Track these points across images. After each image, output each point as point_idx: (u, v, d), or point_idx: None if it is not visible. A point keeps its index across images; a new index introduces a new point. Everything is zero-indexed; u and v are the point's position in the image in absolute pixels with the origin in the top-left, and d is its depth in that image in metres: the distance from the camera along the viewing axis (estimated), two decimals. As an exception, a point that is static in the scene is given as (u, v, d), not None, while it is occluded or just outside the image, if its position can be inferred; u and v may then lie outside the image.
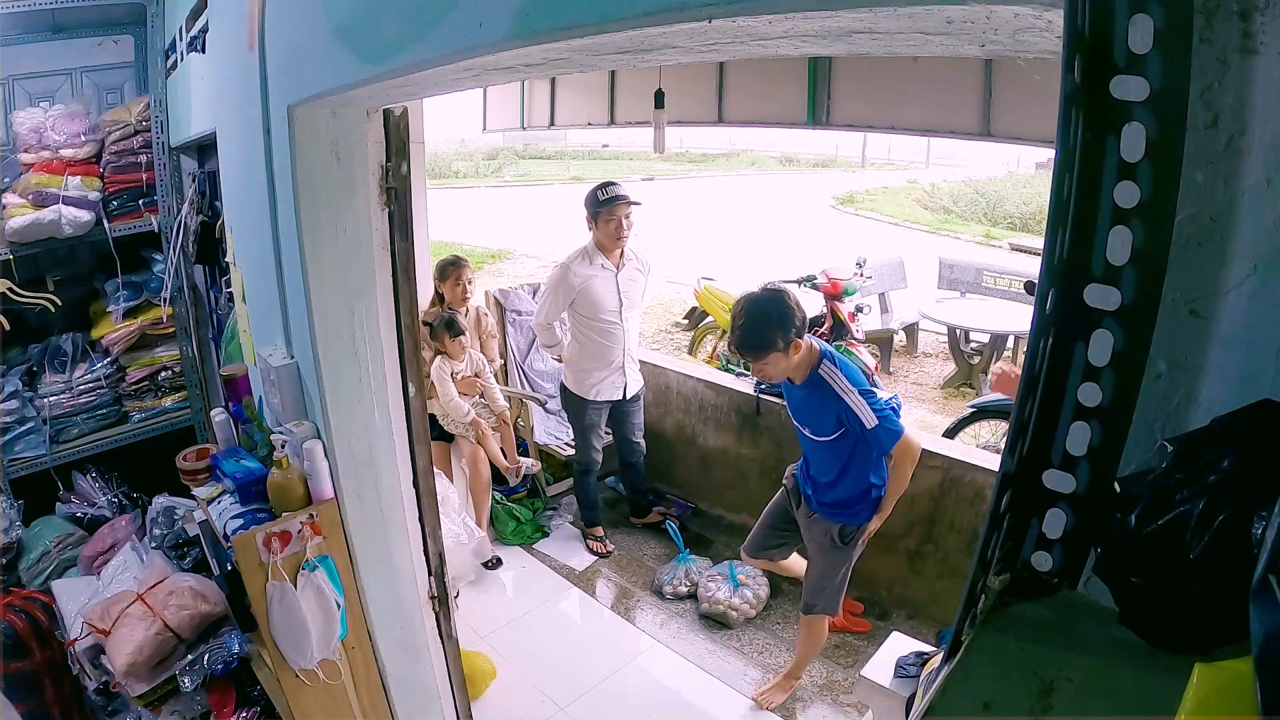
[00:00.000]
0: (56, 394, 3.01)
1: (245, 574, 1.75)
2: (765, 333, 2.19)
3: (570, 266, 3.32)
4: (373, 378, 1.85)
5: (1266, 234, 0.47)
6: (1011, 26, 0.60)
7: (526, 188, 22.48)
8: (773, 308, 2.21)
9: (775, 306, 2.21)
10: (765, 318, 2.20)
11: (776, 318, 2.19)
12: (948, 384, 6.23)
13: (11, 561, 2.70)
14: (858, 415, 2.25)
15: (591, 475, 3.68)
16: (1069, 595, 0.57)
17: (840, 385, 2.26)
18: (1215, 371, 0.51)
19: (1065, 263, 0.51)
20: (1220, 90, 0.47)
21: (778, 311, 2.20)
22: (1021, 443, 0.55)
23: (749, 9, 0.67)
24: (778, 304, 2.22)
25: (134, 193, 3.02)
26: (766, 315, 2.20)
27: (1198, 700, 0.40)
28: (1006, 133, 2.78)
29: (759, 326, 2.20)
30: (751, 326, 2.22)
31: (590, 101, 4.33)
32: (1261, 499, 0.40)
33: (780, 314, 2.20)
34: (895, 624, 3.01)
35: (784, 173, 26.94)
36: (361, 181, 1.74)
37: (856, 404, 2.25)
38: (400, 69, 1.20)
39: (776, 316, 2.19)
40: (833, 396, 2.27)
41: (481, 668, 2.79)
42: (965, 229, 14.87)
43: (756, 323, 2.21)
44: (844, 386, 2.26)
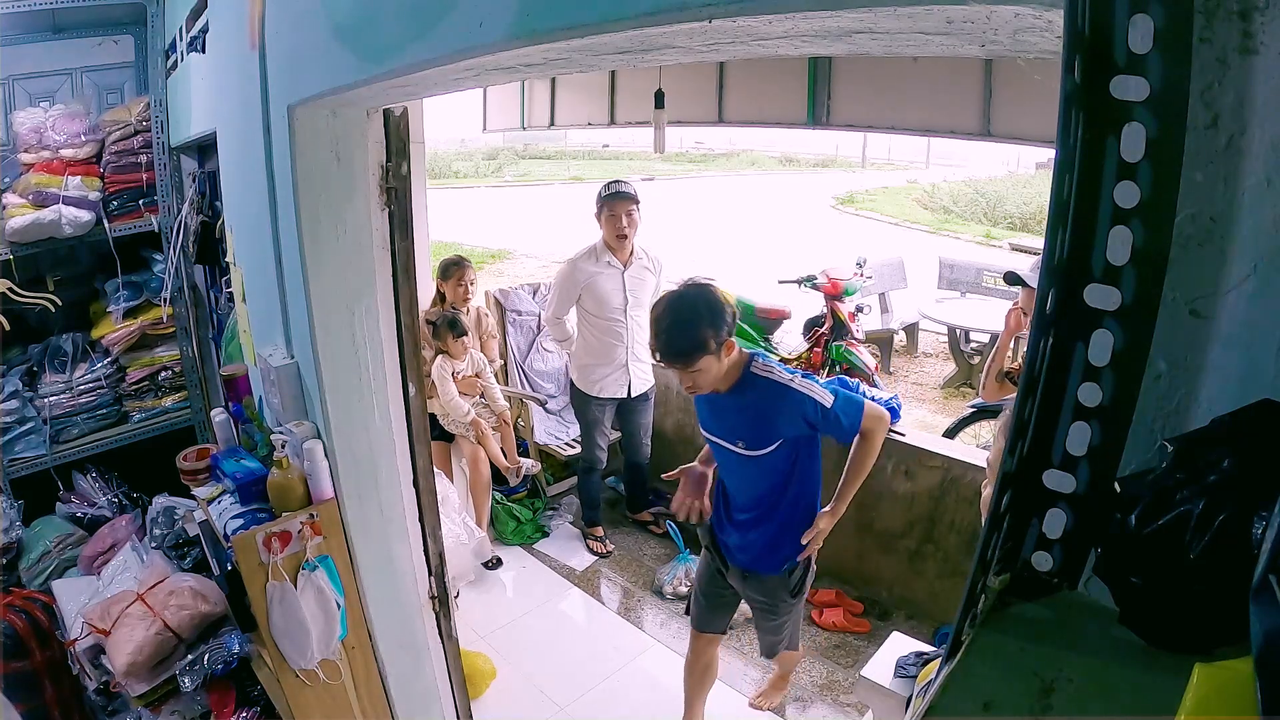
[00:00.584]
0: (56, 394, 3.01)
1: (245, 574, 1.75)
2: (696, 332, 1.83)
3: (577, 262, 3.34)
4: (373, 378, 1.85)
5: (1266, 234, 0.47)
6: (1011, 26, 0.60)
7: (526, 188, 22.49)
8: (701, 303, 1.87)
9: (704, 301, 1.88)
10: (695, 314, 1.85)
11: (707, 314, 1.85)
12: (948, 384, 6.23)
13: (11, 561, 2.70)
14: (812, 399, 1.91)
15: (595, 473, 3.68)
16: (1069, 595, 0.57)
17: (781, 376, 1.94)
18: (1215, 371, 0.51)
19: (1065, 263, 0.51)
20: (1220, 90, 0.47)
21: (707, 306, 1.86)
22: (1021, 443, 0.55)
23: (749, 9, 0.67)
24: (706, 298, 1.88)
25: (134, 193, 3.02)
26: (695, 311, 1.85)
27: (1198, 700, 0.40)
28: (1006, 133, 2.78)
29: (688, 326, 1.84)
30: (679, 327, 1.85)
31: (590, 101, 4.33)
32: (1261, 499, 0.40)
33: (710, 309, 1.86)
34: (895, 624, 3.01)
35: (784, 173, 26.94)
36: (361, 181, 1.74)
37: (805, 387, 1.92)
38: (400, 69, 1.20)
39: (706, 312, 1.85)
40: (777, 392, 1.93)
41: (481, 668, 2.79)
42: (965, 229, 14.87)
43: (685, 322, 1.85)
44: (785, 376, 1.94)
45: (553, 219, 13.92)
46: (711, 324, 1.84)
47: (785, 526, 2.06)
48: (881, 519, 3.17)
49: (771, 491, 2.04)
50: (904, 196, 19.41)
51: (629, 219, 3.29)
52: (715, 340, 1.84)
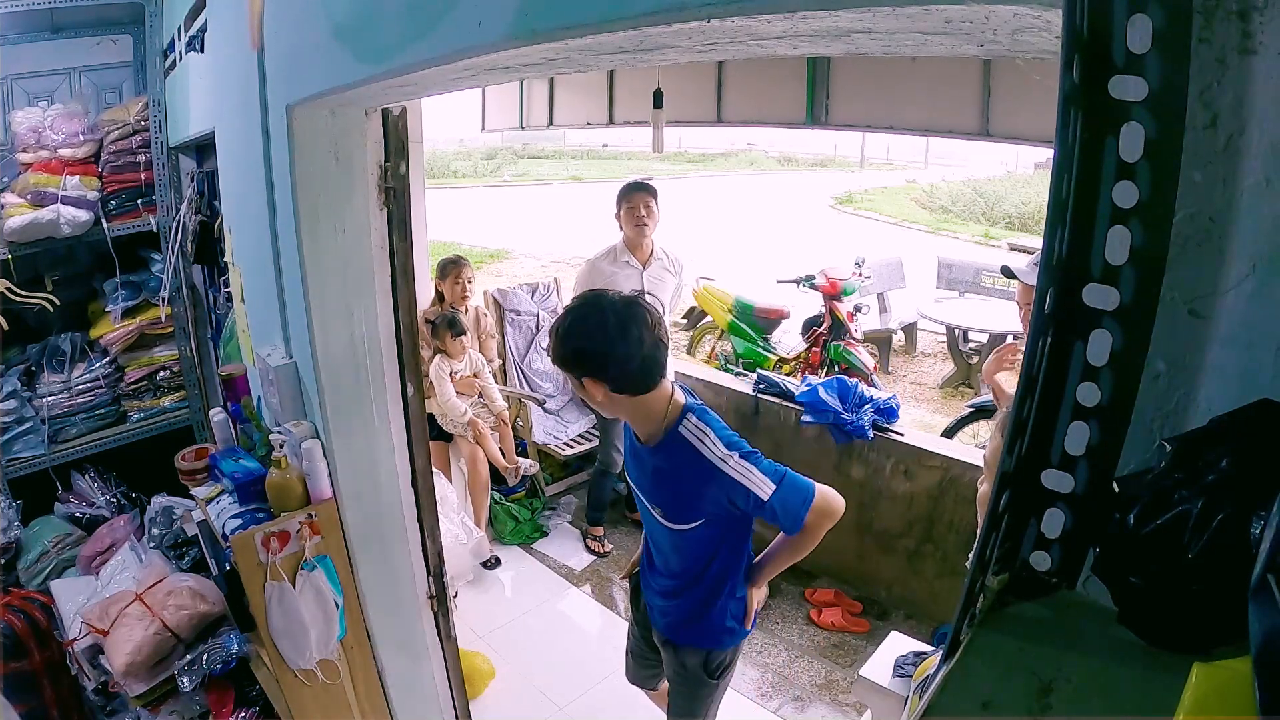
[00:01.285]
0: (55, 394, 3.00)
1: (244, 574, 1.75)
2: (569, 345, 1.52)
3: (596, 263, 3.34)
4: (371, 378, 1.85)
5: (1265, 234, 0.47)
6: (1010, 26, 0.61)
7: (525, 188, 22.47)
8: (600, 321, 1.48)
9: (605, 322, 1.48)
10: (586, 327, 1.50)
11: (594, 336, 1.48)
12: (946, 384, 6.24)
13: (10, 561, 2.69)
14: (744, 487, 1.51)
15: (610, 475, 3.67)
16: (1068, 595, 0.57)
17: (713, 450, 1.53)
18: (1214, 371, 0.51)
19: (1064, 262, 0.51)
20: (1219, 90, 0.47)
21: (599, 328, 1.48)
22: (1020, 442, 0.55)
23: (748, 9, 0.67)
24: (612, 319, 1.48)
25: (132, 192, 3.01)
26: (589, 325, 1.50)
27: (1197, 700, 0.40)
28: (1005, 133, 2.78)
29: (569, 335, 1.52)
30: (564, 331, 1.53)
31: (589, 101, 4.33)
32: (1260, 499, 0.40)
33: (599, 335, 1.48)
34: (894, 624, 3.02)
35: (783, 172, 26.94)
36: (360, 181, 1.74)
37: (740, 471, 1.52)
38: (399, 69, 1.20)
39: (596, 334, 1.48)
40: (704, 470, 1.53)
41: (480, 667, 2.79)
42: (964, 229, 14.89)
43: (569, 331, 1.52)
44: (718, 452, 1.53)
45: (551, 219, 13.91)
46: (588, 349, 1.49)
47: (706, 603, 1.74)
48: (880, 519, 3.17)
49: (694, 564, 1.71)
50: (902, 196, 19.42)
51: (647, 210, 3.27)
52: (580, 369, 1.52)
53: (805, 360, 5.29)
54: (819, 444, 3.32)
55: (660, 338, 1.53)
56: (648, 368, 1.51)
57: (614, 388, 1.52)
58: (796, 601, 3.26)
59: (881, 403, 3.24)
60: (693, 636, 1.81)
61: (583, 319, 1.51)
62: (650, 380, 1.54)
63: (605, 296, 1.53)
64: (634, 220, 3.26)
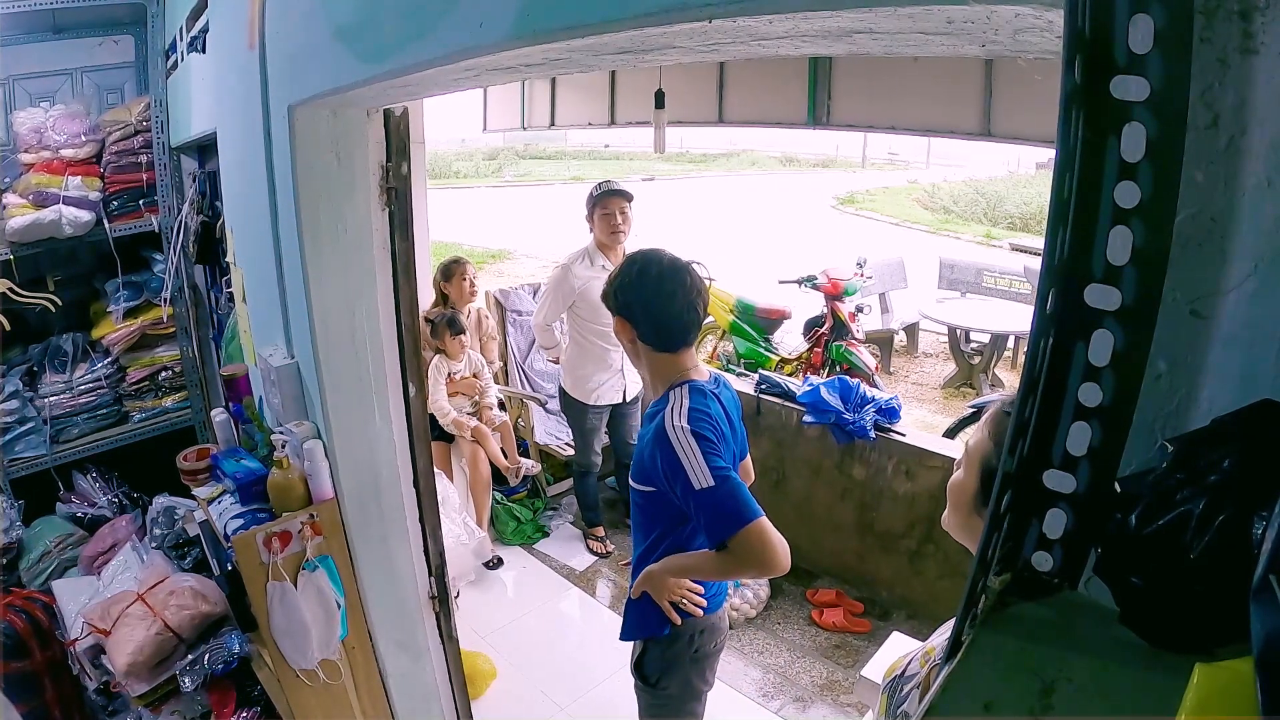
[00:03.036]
0: (57, 394, 3.01)
1: (245, 574, 1.75)
2: (610, 283, 1.65)
3: (570, 267, 3.31)
4: (373, 378, 1.85)
5: (1267, 234, 0.47)
6: (1012, 26, 0.60)
7: (527, 188, 22.48)
8: (641, 264, 1.61)
9: (644, 267, 1.60)
10: (629, 267, 1.62)
11: (629, 274, 1.61)
12: (948, 384, 6.23)
13: (12, 561, 2.70)
14: (683, 471, 1.44)
15: (591, 477, 3.68)
16: (1069, 595, 0.57)
17: (674, 420, 1.49)
18: (1215, 371, 0.51)
19: (1065, 263, 0.51)
20: (1221, 90, 0.47)
21: (639, 271, 1.60)
22: (1021, 443, 0.55)
23: (749, 9, 0.67)
24: (653, 268, 1.60)
25: (134, 193, 3.02)
26: (632, 266, 1.62)
27: (1198, 700, 0.40)
28: (1007, 133, 2.78)
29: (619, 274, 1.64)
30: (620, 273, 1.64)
31: (590, 101, 4.33)
32: (1262, 499, 0.40)
33: (635, 273, 1.60)
34: (895, 624, 3.02)
35: (784, 173, 26.93)
36: (362, 181, 1.74)
37: (686, 451, 1.45)
38: (400, 69, 1.20)
39: (632, 272, 1.61)
40: (659, 434, 1.50)
41: (482, 668, 2.79)
42: (965, 229, 14.88)
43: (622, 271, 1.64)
44: (677, 423, 1.48)
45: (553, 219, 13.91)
46: (627, 290, 1.59)
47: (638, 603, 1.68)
48: (882, 519, 3.17)
49: (644, 535, 1.66)
50: (904, 196, 19.41)
51: (623, 216, 3.24)
52: (616, 306, 1.61)
53: (807, 360, 5.29)
54: (821, 444, 3.32)
55: (695, 308, 1.59)
56: (672, 328, 1.58)
57: (639, 334, 1.59)
58: (798, 602, 3.26)
59: (883, 403, 3.24)
60: (629, 624, 1.73)
61: (635, 263, 1.61)
62: (670, 341, 1.59)
63: (664, 252, 1.63)
64: (610, 227, 3.23)
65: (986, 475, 0.90)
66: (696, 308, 1.60)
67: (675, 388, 1.57)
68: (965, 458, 0.95)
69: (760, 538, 1.42)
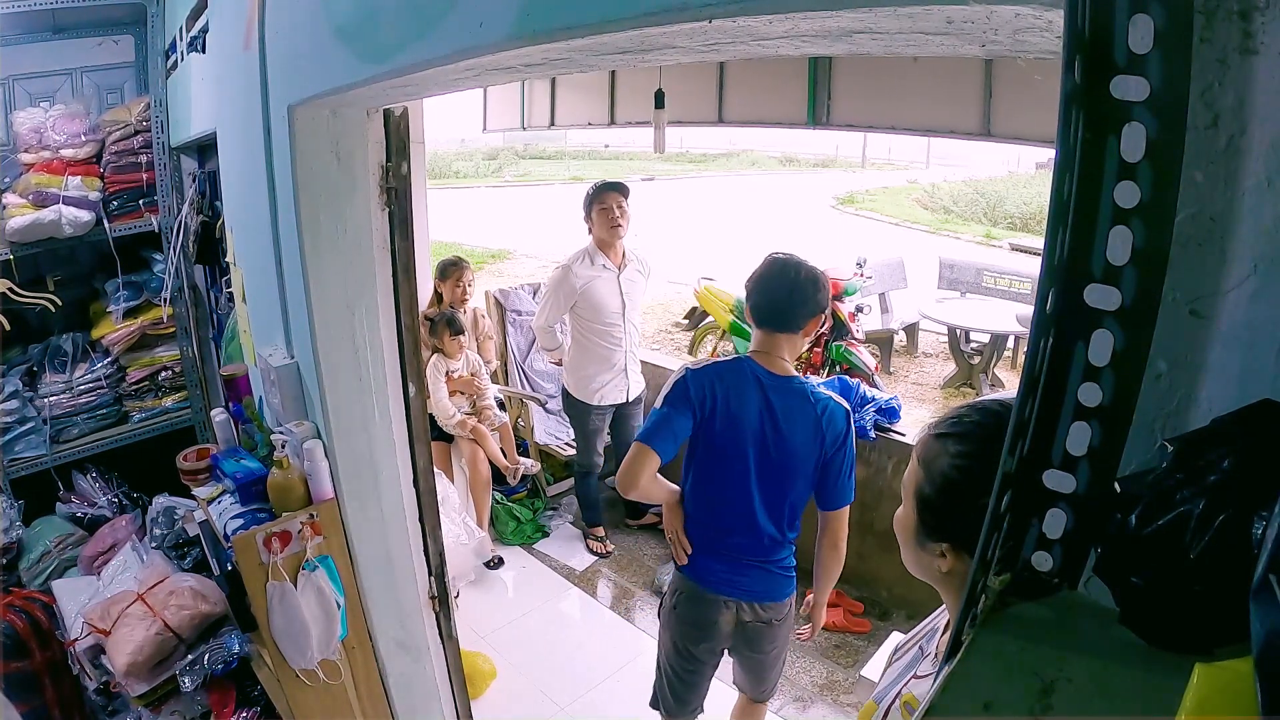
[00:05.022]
0: (57, 394, 3.01)
1: (245, 574, 1.75)
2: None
3: (571, 268, 3.30)
4: (373, 378, 1.85)
5: (1266, 234, 0.47)
6: (1012, 26, 0.60)
7: (526, 188, 22.50)
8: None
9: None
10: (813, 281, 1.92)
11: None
12: (948, 384, 6.23)
13: (12, 561, 2.69)
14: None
15: (593, 477, 3.68)
16: (1069, 595, 0.57)
17: (687, 366, 1.94)
18: (1215, 371, 0.51)
19: (1065, 263, 0.51)
20: (1220, 90, 0.47)
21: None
22: (1021, 443, 0.55)
23: (749, 9, 0.67)
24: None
25: (134, 193, 3.02)
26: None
27: (1198, 700, 0.40)
28: (1007, 133, 2.78)
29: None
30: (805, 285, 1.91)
31: (590, 101, 4.33)
32: (1262, 499, 0.40)
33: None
34: (895, 624, 3.02)
35: (784, 173, 26.94)
36: (362, 181, 1.74)
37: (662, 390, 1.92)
38: (400, 69, 1.20)
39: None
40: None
41: (482, 668, 2.79)
42: (965, 229, 14.89)
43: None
44: (683, 368, 1.93)
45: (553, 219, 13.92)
46: (754, 277, 1.94)
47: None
48: (882, 519, 3.17)
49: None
50: (904, 196, 19.43)
51: (620, 210, 3.25)
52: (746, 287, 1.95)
53: (807, 360, 5.29)
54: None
55: (790, 305, 1.85)
56: (764, 311, 1.87)
57: (749, 307, 1.91)
58: (798, 602, 3.25)
59: (883, 403, 3.24)
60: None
61: (768, 257, 1.93)
62: (762, 320, 1.88)
63: (795, 257, 1.93)
64: (609, 221, 3.23)
65: (922, 505, 0.88)
66: (791, 305, 1.86)
67: (738, 357, 1.91)
68: (903, 489, 0.93)
69: (628, 456, 1.85)
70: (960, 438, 0.84)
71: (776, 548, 1.93)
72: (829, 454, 1.85)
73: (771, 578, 1.96)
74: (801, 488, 1.89)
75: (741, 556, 1.93)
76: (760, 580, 1.95)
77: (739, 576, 1.94)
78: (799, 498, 1.91)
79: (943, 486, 0.84)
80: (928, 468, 0.87)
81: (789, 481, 1.87)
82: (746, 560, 1.93)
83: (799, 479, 1.87)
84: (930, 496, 0.86)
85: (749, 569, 1.94)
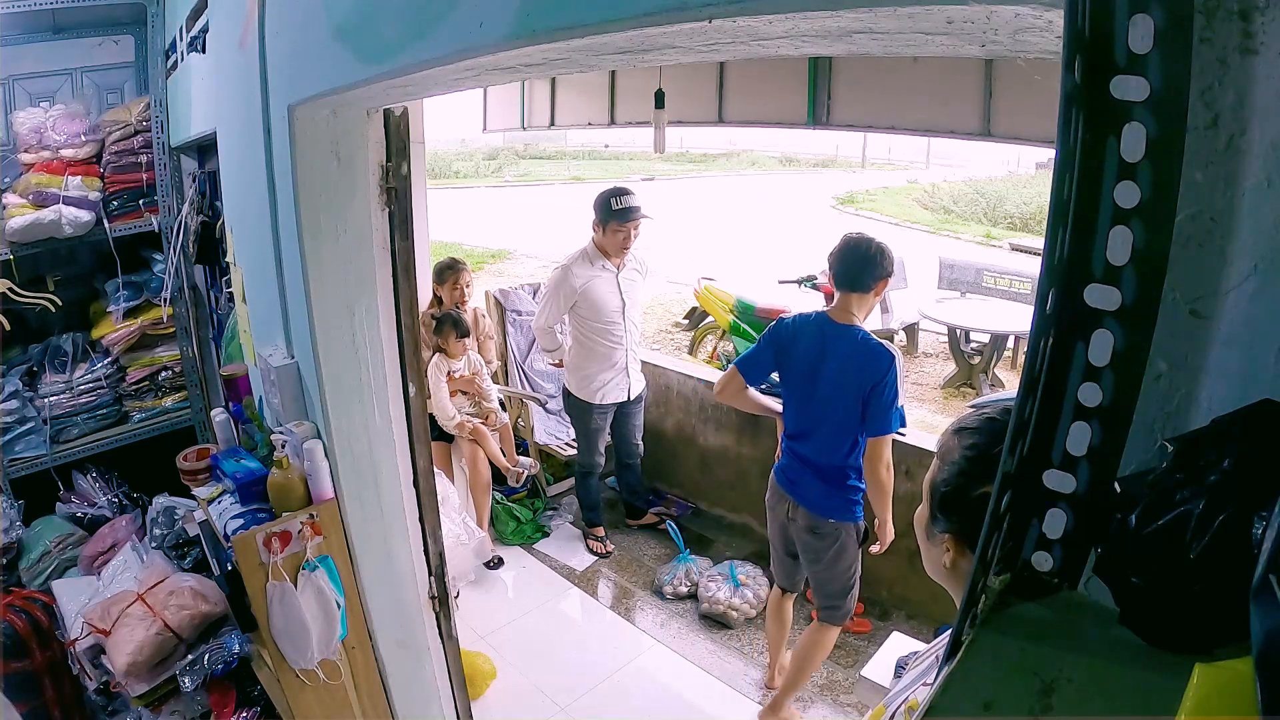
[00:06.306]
0: (57, 394, 3.01)
1: (245, 574, 1.75)
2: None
3: (571, 268, 3.31)
4: (373, 378, 1.85)
5: (1267, 234, 0.47)
6: (1011, 26, 0.60)
7: (526, 188, 22.51)
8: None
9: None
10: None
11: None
12: (948, 384, 6.23)
13: (11, 561, 2.69)
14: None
15: (593, 477, 3.68)
16: (1069, 595, 0.57)
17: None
18: (1215, 371, 0.51)
19: (1065, 263, 0.51)
20: (1220, 90, 0.47)
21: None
22: (1021, 443, 0.55)
23: (749, 9, 0.67)
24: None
25: (134, 193, 3.02)
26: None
27: (1198, 700, 0.40)
28: (1007, 133, 2.78)
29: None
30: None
31: (590, 101, 4.33)
32: (1261, 499, 0.40)
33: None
34: (895, 624, 3.02)
35: (784, 173, 26.94)
36: (362, 181, 1.74)
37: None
38: (400, 69, 1.20)
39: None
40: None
41: (482, 668, 2.79)
42: (965, 229, 14.89)
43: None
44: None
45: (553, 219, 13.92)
46: (837, 248, 2.32)
47: None
48: (882, 519, 3.17)
49: None
50: (904, 196, 19.43)
51: (636, 232, 3.32)
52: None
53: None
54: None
55: (862, 270, 2.25)
56: (842, 276, 2.28)
57: (831, 275, 2.33)
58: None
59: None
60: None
61: (849, 236, 2.33)
62: (840, 284, 2.30)
63: (865, 234, 2.33)
64: (621, 244, 3.30)
65: (931, 496, 0.92)
66: (857, 270, 2.26)
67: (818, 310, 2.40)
68: (923, 486, 0.96)
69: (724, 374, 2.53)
70: (973, 431, 0.88)
71: (831, 464, 2.37)
72: (868, 388, 2.24)
73: (823, 490, 2.39)
74: (844, 414, 2.31)
75: (802, 462, 2.43)
76: (812, 489, 2.41)
77: (796, 478, 2.45)
78: (845, 421, 2.32)
79: (948, 477, 0.88)
80: (941, 460, 0.91)
81: (834, 406, 2.32)
82: (808, 466, 2.41)
83: (842, 405, 2.30)
84: (936, 486, 0.90)
85: (805, 473, 2.42)
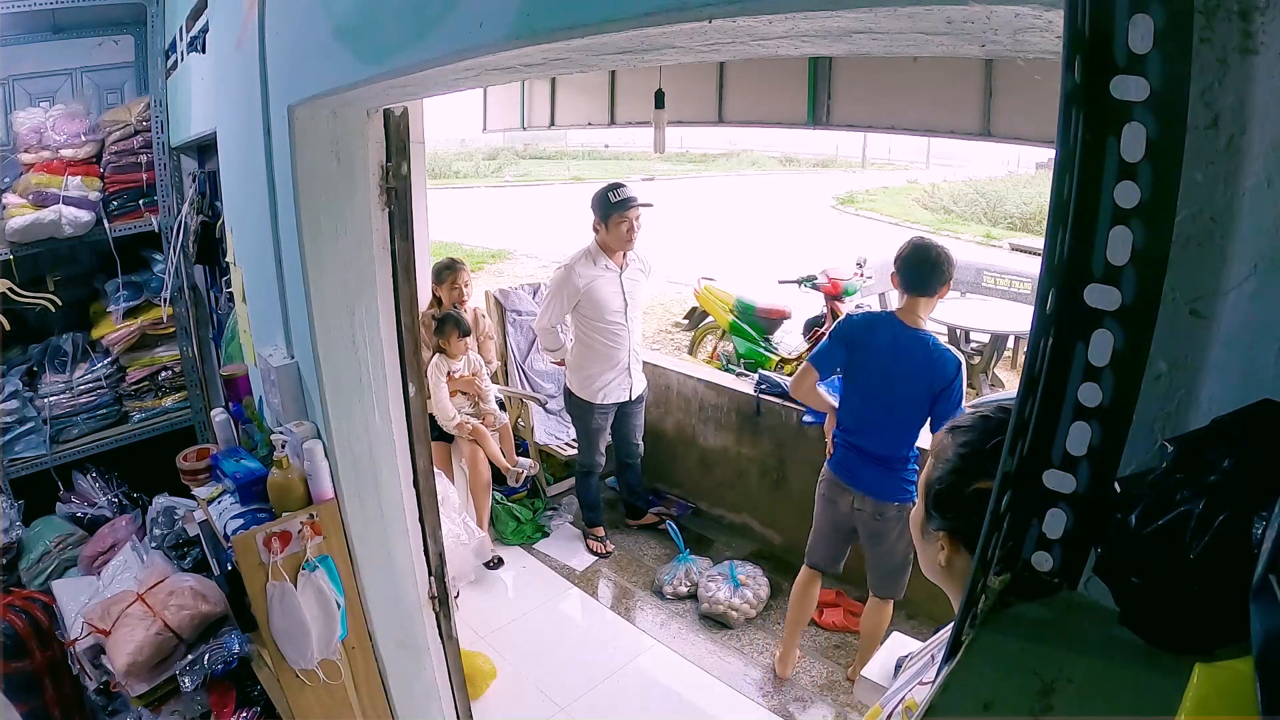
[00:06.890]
0: (57, 394, 3.01)
1: (245, 574, 1.75)
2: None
3: (574, 268, 3.31)
4: (373, 378, 1.85)
5: (1266, 234, 0.47)
6: (1011, 26, 0.60)
7: (526, 188, 22.51)
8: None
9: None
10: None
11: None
12: (948, 384, 6.21)
13: (12, 561, 2.69)
14: None
15: (594, 477, 3.68)
16: (1069, 595, 0.57)
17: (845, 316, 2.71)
18: (1215, 371, 0.51)
19: (1065, 263, 0.51)
20: (1220, 90, 0.47)
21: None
22: (1021, 443, 0.55)
23: (749, 9, 0.67)
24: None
25: (134, 193, 3.02)
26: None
27: (1198, 700, 0.40)
28: (1007, 133, 2.78)
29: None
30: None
31: (590, 101, 4.33)
32: (1261, 499, 0.40)
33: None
34: (895, 624, 3.01)
35: (784, 173, 26.94)
36: (362, 181, 1.74)
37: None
38: (400, 69, 1.20)
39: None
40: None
41: (481, 668, 2.79)
42: (965, 229, 14.88)
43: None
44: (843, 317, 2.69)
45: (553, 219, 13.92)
46: (901, 252, 2.41)
47: None
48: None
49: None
50: (904, 196, 19.43)
51: (638, 222, 3.30)
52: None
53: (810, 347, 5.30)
54: (821, 444, 3.30)
55: (929, 274, 2.33)
56: (908, 280, 2.37)
57: (898, 280, 2.41)
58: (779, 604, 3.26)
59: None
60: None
61: (914, 242, 2.41)
62: (907, 287, 2.38)
63: (929, 239, 2.43)
64: (625, 236, 3.28)
65: (925, 494, 0.92)
66: (924, 274, 2.34)
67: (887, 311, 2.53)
68: (917, 487, 0.97)
69: (798, 371, 2.66)
70: (966, 428, 0.89)
71: (891, 454, 2.46)
72: (937, 390, 2.34)
73: (885, 478, 2.48)
74: (910, 412, 2.40)
75: (864, 456, 2.50)
76: (875, 478, 2.49)
77: (856, 470, 2.53)
78: (909, 418, 2.41)
79: (942, 474, 0.89)
80: (936, 459, 0.91)
81: (902, 404, 2.41)
82: (867, 458, 2.50)
83: (909, 403, 2.39)
84: (931, 484, 0.91)
85: (867, 465, 2.50)
